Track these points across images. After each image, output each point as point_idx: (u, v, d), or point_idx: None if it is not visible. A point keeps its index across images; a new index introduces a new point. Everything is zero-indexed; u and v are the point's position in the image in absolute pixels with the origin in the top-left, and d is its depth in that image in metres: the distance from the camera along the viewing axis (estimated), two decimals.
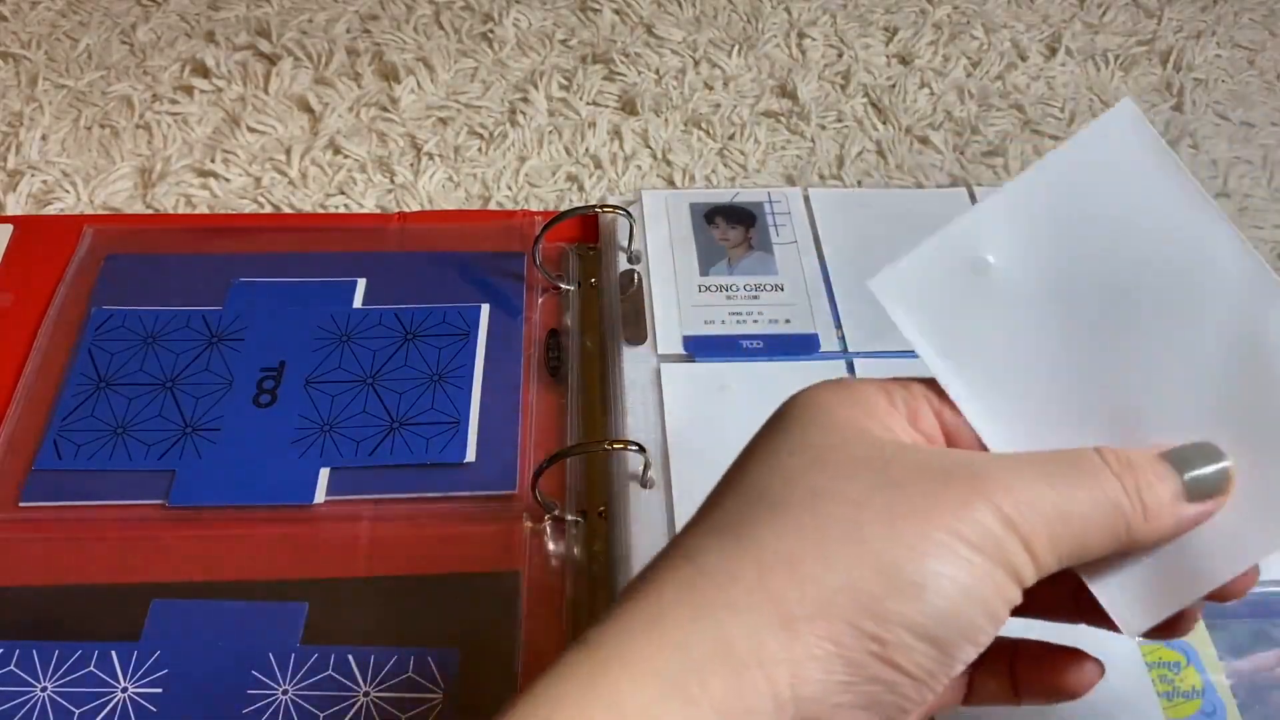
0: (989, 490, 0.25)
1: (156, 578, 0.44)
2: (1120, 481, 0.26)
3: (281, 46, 0.69)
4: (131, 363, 0.51)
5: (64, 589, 0.44)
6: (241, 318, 0.53)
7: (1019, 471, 0.25)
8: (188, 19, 0.71)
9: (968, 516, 0.24)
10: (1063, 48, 0.72)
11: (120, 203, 0.60)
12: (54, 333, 0.52)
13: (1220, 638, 0.43)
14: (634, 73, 0.69)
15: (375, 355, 0.51)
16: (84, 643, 0.42)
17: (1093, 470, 0.26)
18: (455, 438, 0.48)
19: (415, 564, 0.44)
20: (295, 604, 0.43)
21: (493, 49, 0.70)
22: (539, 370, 0.52)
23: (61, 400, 0.49)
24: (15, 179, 0.60)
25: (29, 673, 0.41)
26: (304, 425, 0.48)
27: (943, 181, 0.63)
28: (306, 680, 0.41)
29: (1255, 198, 0.63)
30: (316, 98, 0.66)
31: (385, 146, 0.63)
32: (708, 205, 0.58)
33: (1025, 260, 0.29)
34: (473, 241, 0.57)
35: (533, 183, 0.62)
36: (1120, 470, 0.26)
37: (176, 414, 0.49)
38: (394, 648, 0.42)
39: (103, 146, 0.63)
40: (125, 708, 0.40)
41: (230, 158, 0.62)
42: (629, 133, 0.65)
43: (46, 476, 0.47)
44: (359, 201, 0.60)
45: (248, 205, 0.60)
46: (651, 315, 0.53)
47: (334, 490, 0.47)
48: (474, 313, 0.53)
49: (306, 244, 0.57)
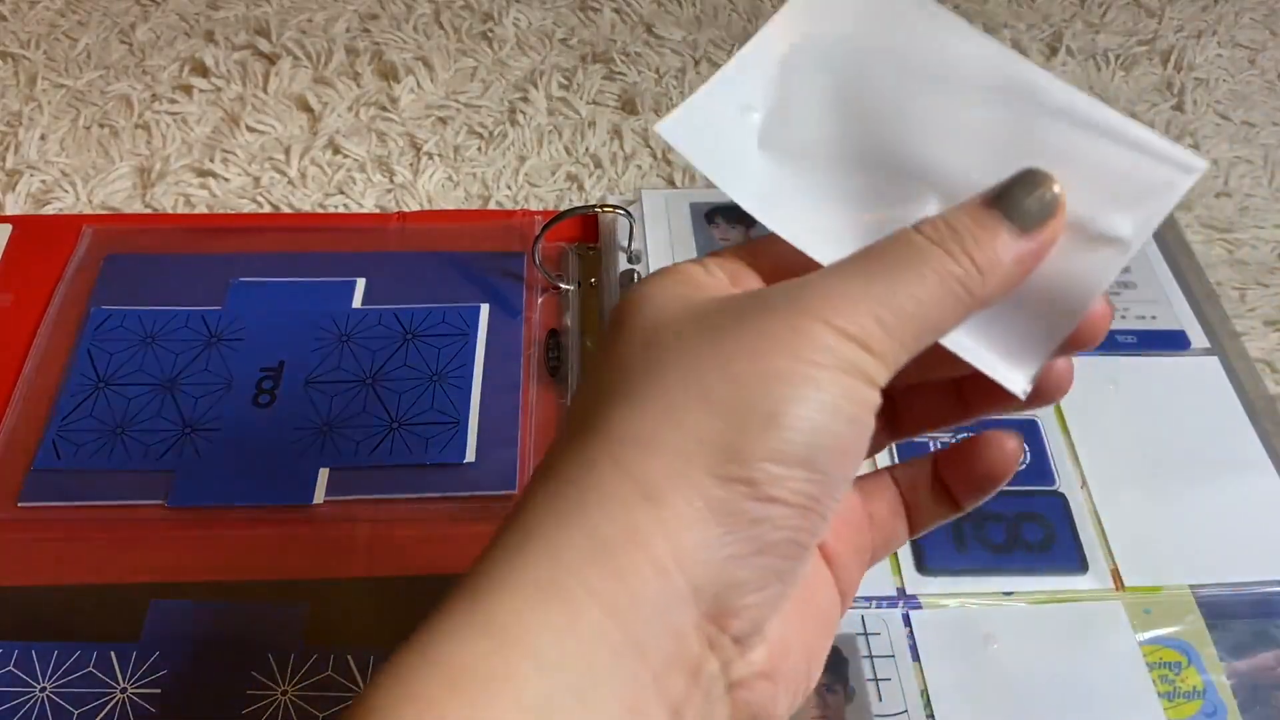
0: (812, 308, 0.24)
1: (156, 578, 0.44)
2: (943, 249, 0.25)
3: (281, 46, 0.69)
4: (131, 363, 0.51)
5: (63, 589, 0.43)
6: (241, 318, 0.52)
7: (836, 279, 0.25)
8: (187, 18, 0.71)
9: (801, 338, 0.24)
10: (1064, 47, 0.72)
11: (119, 202, 0.60)
12: (53, 333, 0.52)
13: (1221, 638, 0.43)
14: (634, 72, 0.69)
15: (375, 355, 0.51)
16: (83, 643, 0.41)
17: (916, 248, 0.25)
18: (455, 438, 0.48)
19: (415, 564, 0.44)
20: (295, 604, 0.43)
21: (492, 48, 0.70)
22: (539, 370, 0.52)
23: (61, 400, 0.49)
24: (14, 179, 0.60)
25: (28, 673, 0.41)
26: (303, 425, 0.48)
27: None
28: (306, 681, 0.41)
29: (1256, 198, 0.63)
30: (316, 97, 0.66)
31: (385, 146, 0.63)
32: (708, 205, 0.58)
33: (793, 94, 0.29)
34: (472, 241, 0.57)
35: (532, 182, 0.62)
36: (941, 237, 0.25)
37: (176, 414, 0.49)
38: (393, 649, 0.41)
39: (102, 146, 0.63)
40: (124, 708, 0.40)
41: (229, 157, 0.62)
42: (629, 132, 0.65)
43: (46, 476, 0.47)
44: (358, 201, 0.60)
45: (247, 205, 0.60)
46: None
47: (333, 490, 0.47)
48: (474, 313, 0.53)
49: (306, 244, 0.57)
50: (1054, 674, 0.42)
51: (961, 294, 0.25)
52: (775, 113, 0.30)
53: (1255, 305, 0.57)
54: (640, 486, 0.23)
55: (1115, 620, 0.43)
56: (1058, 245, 0.26)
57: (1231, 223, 0.61)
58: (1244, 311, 0.56)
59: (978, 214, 0.26)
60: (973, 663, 0.42)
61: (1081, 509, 0.47)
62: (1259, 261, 0.59)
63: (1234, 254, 0.60)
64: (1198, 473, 0.48)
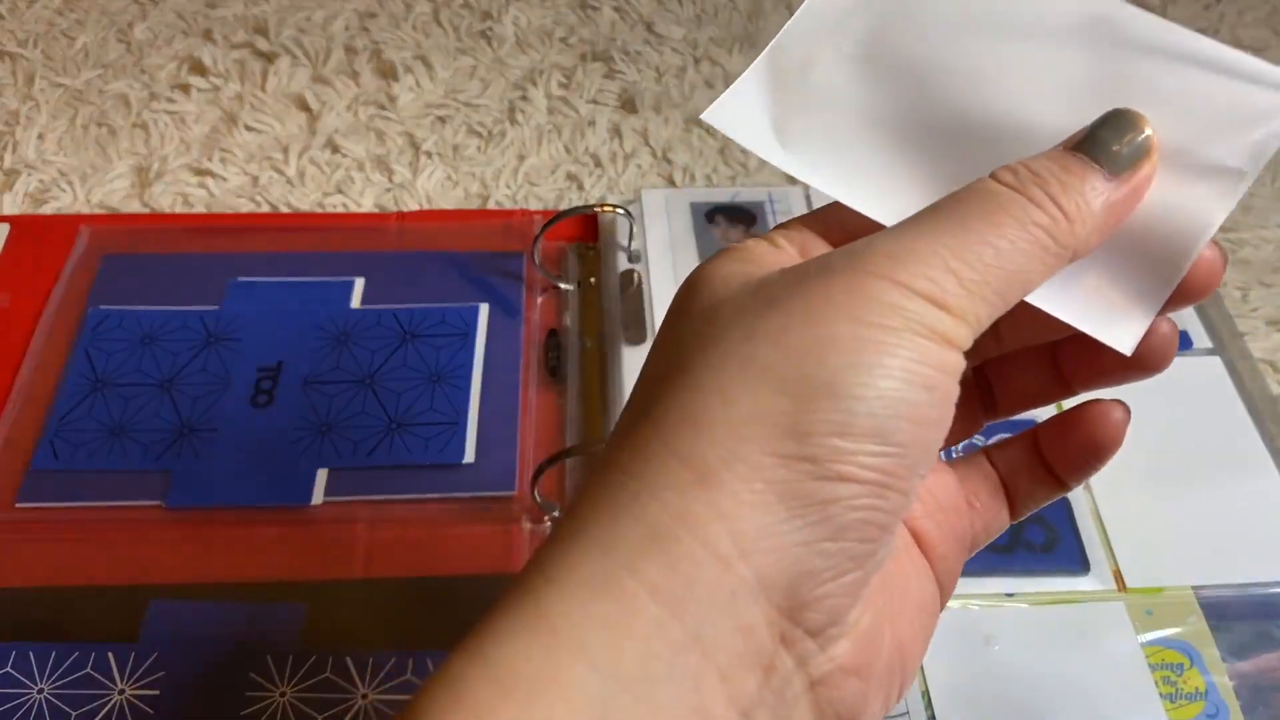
0: (876, 265, 0.22)
1: (154, 579, 0.44)
2: (1024, 195, 0.23)
3: (279, 45, 0.69)
4: (129, 363, 0.50)
5: (61, 590, 0.43)
6: (239, 318, 0.52)
7: (904, 234, 0.23)
8: (185, 17, 0.71)
9: (863, 300, 0.22)
10: None
11: (117, 202, 0.60)
12: (51, 333, 0.52)
13: (1223, 639, 0.43)
14: (634, 71, 0.68)
15: (373, 355, 0.51)
16: (81, 644, 0.41)
17: (991, 195, 0.23)
18: (454, 438, 0.48)
19: (414, 566, 0.44)
20: (293, 605, 0.43)
21: (492, 47, 0.70)
22: (538, 370, 0.52)
23: (58, 401, 0.49)
24: (12, 178, 0.60)
25: (26, 674, 0.40)
26: (302, 426, 0.48)
27: None
28: (305, 682, 0.41)
29: (1258, 198, 0.63)
30: (314, 96, 0.65)
31: (383, 145, 0.63)
32: (708, 204, 0.58)
33: (851, 45, 0.28)
34: (471, 241, 0.57)
35: (532, 182, 0.62)
36: (1023, 183, 0.23)
37: (174, 414, 0.48)
38: (392, 650, 0.41)
39: (99, 145, 0.63)
40: (123, 709, 0.40)
41: (228, 156, 0.62)
42: (629, 131, 0.65)
43: (43, 477, 0.47)
44: (357, 201, 0.60)
45: (245, 204, 0.60)
46: (651, 315, 0.52)
47: (332, 491, 0.46)
48: (473, 312, 0.53)
49: (304, 243, 0.57)
50: (1055, 675, 0.42)
51: (1049, 244, 0.23)
52: (830, 73, 0.28)
53: (1258, 305, 0.57)
54: (692, 469, 0.21)
55: (1117, 621, 0.43)
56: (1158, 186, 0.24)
57: (1234, 223, 0.61)
58: (1247, 312, 0.56)
59: (1062, 159, 0.24)
60: (974, 664, 0.42)
61: (1084, 510, 0.47)
62: (1262, 261, 0.59)
63: (1237, 254, 0.60)
64: (1200, 473, 0.48)
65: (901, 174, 0.27)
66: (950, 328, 0.22)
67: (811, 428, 0.21)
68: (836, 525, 0.21)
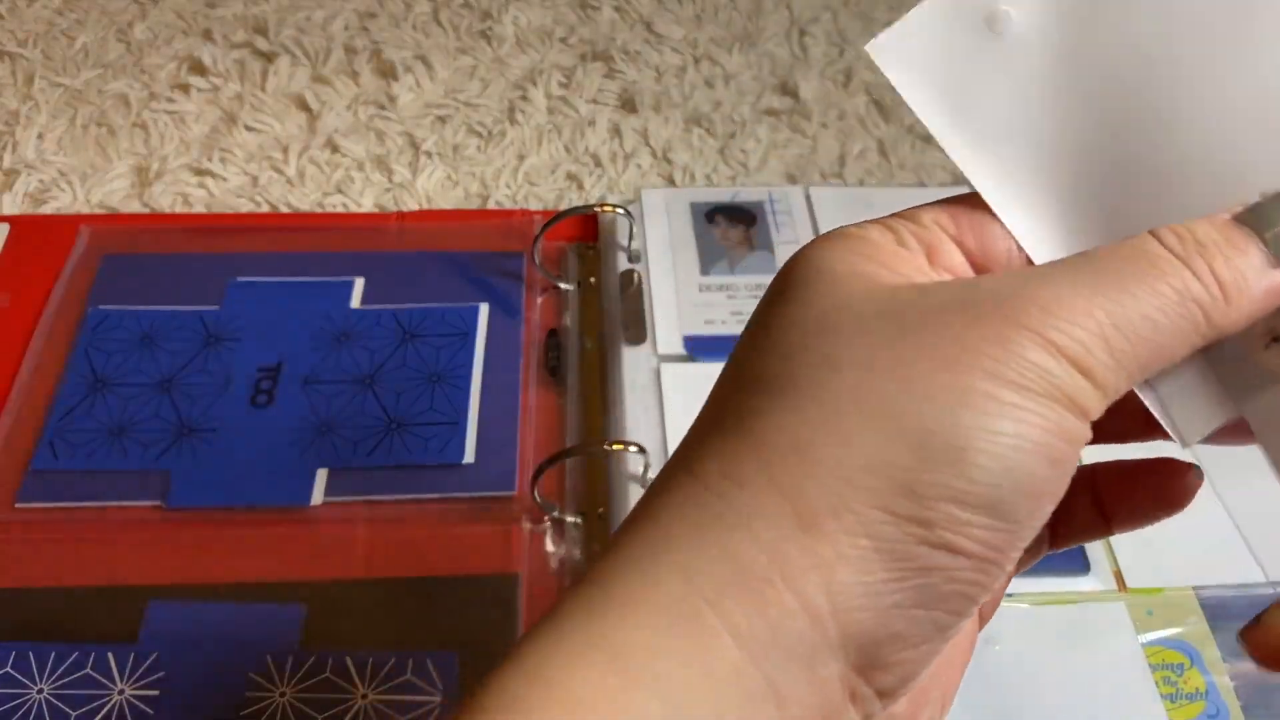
0: (1026, 317, 0.20)
1: (153, 579, 0.44)
2: (1188, 265, 0.21)
3: (279, 44, 0.68)
4: (128, 363, 0.50)
5: (61, 590, 0.43)
6: (239, 318, 0.52)
7: (1060, 284, 0.21)
8: (185, 17, 0.71)
9: (1006, 354, 0.20)
10: None
11: (117, 202, 0.60)
12: (50, 333, 0.52)
13: (1224, 639, 0.43)
14: (634, 70, 0.68)
15: (373, 355, 0.51)
16: (81, 644, 0.41)
17: (1152, 259, 0.21)
18: (454, 438, 0.48)
19: (414, 566, 0.44)
20: (293, 606, 0.43)
21: (491, 47, 0.70)
22: (538, 370, 0.52)
23: (58, 401, 0.49)
24: (11, 178, 0.60)
25: (25, 675, 0.40)
26: (301, 426, 0.48)
27: (945, 180, 0.62)
28: (304, 683, 0.41)
29: None
30: (314, 96, 0.65)
31: (383, 145, 0.63)
32: (708, 204, 0.58)
33: (1047, 10, 0.23)
34: (471, 241, 0.57)
35: (532, 181, 0.62)
36: (1186, 251, 0.21)
37: (173, 414, 0.48)
38: (392, 651, 0.41)
39: (99, 145, 0.63)
40: (122, 710, 0.40)
41: (227, 156, 0.62)
42: (629, 131, 0.65)
43: (43, 477, 0.46)
44: (357, 200, 0.60)
45: (245, 204, 0.60)
46: (651, 315, 0.52)
47: (332, 492, 0.46)
48: (473, 312, 0.53)
49: (304, 243, 0.57)
50: (1056, 675, 0.42)
51: (1200, 320, 0.21)
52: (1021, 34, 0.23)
53: None
54: (795, 508, 0.20)
55: (1117, 621, 0.43)
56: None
57: None
58: None
59: (1226, 229, 0.22)
60: (974, 664, 0.42)
61: None
62: None
63: None
64: None
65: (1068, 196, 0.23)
66: (1090, 398, 0.21)
67: (929, 490, 0.20)
68: (933, 594, 0.20)
